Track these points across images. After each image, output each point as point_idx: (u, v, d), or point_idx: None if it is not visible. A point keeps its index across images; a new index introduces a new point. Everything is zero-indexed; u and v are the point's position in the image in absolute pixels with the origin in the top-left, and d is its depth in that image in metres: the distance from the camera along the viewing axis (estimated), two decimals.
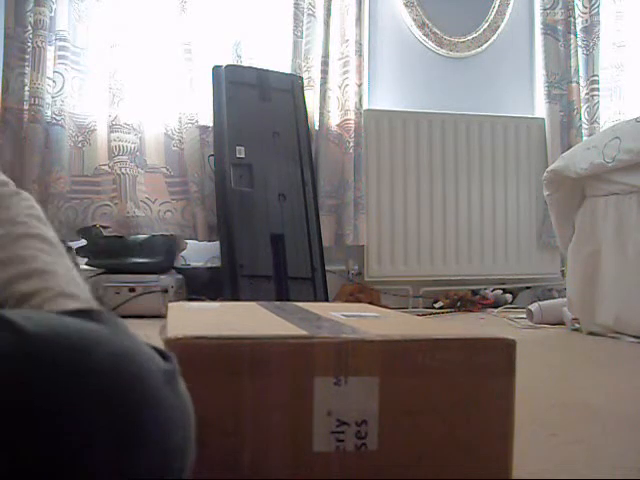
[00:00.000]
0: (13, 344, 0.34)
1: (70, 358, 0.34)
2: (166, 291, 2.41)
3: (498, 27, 3.10)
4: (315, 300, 2.44)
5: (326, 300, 2.55)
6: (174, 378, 0.39)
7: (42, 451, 0.32)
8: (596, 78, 3.04)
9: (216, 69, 2.57)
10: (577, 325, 2.09)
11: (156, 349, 0.40)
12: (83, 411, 0.33)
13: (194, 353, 0.54)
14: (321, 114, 2.79)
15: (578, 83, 3.05)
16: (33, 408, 0.32)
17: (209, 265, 2.69)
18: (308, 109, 2.73)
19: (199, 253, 2.74)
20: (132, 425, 0.34)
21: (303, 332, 0.59)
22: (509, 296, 2.86)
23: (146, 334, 0.52)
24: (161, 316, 0.81)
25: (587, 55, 3.04)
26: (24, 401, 0.32)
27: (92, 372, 0.34)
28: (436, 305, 2.82)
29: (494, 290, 2.89)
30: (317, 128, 2.80)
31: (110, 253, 2.44)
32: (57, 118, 2.54)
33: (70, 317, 0.39)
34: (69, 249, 0.76)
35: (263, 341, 0.56)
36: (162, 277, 2.45)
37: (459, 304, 2.78)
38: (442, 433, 0.58)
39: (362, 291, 2.81)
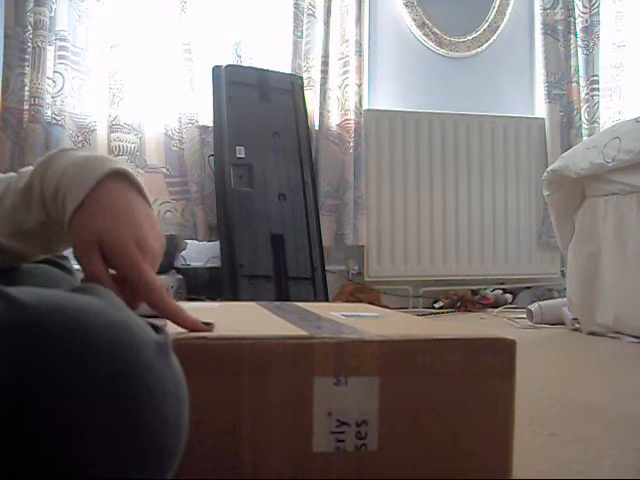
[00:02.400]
0: (7, 315, 0.34)
1: (64, 329, 0.35)
2: (166, 291, 2.41)
3: (498, 27, 3.10)
4: (315, 300, 2.44)
5: (326, 300, 2.55)
6: (166, 350, 0.39)
7: (35, 419, 0.32)
8: (596, 78, 3.04)
9: (216, 69, 2.57)
10: (577, 325, 2.09)
11: (149, 322, 0.40)
12: (76, 380, 0.34)
13: (194, 353, 0.54)
14: (321, 114, 2.79)
15: (578, 83, 3.05)
16: (27, 378, 0.33)
17: (209, 265, 2.69)
18: (308, 109, 2.73)
19: (199, 253, 2.74)
20: (126, 393, 0.35)
21: (303, 332, 0.59)
22: (509, 296, 2.86)
23: None
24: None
25: (587, 55, 3.04)
26: (18, 371, 0.33)
27: (86, 342, 0.35)
28: (436, 305, 2.82)
29: (494, 290, 2.89)
30: (317, 128, 2.80)
31: None
32: (57, 118, 2.54)
33: (69, 292, 0.40)
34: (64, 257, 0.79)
35: (263, 341, 0.56)
36: (162, 277, 2.45)
37: (459, 304, 2.78)
38: (442, 433, 0.58)
39: (362, 291, 2.81)
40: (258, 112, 2.58)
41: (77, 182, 0.57)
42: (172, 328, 0.60)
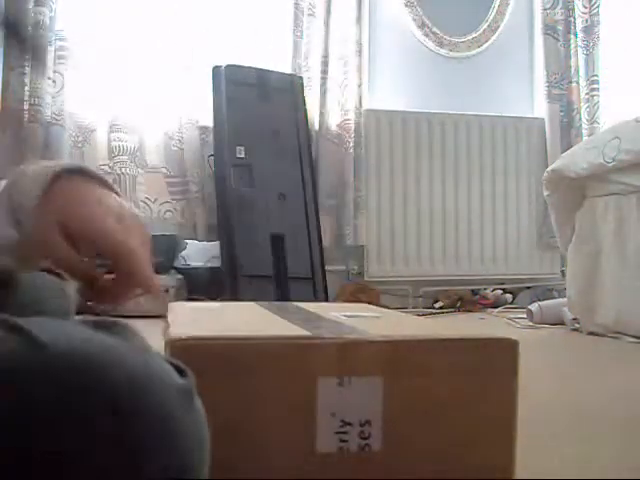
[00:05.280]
0: (27, 355, 0.33)
1: (83, 373, 0.34)
2: (166, 291, 2.41)
3: (498, 27, 3.10)
4: (315, 300, 2.44)
5: (326, 300, 2.55)
6: (189, 395, 0.38)
7: (48, 467, 0.32)
8: (596, 78, 3.04)
9: (216, 69, 2.57)
10: (577, 325, 2.09)
11: (173, 364, 0.40)
12: (93, 427, 0.33)
13: (198, 353, 0.54)
14: (321, 114, 2.79)
15: (578, 83, 3.05)
16: (42, 424, 0.32)
17: (209, 265, 2.69)
18: (308, 109, 2.73)
19: (199, 253, 2.74)
20: (143, 443, 0.34)
21: (306, 333, 0.59)
22: (509, 296, 2.86)
23: (148, 335, 0.52)
24: (161, 316, 0.81)
25: (587, 55, 3.04)
26: (33, 415, 0.32)
27: (105, 388, 0.34)
28: (436, 305, 2.82)
29: (494, 290, 2.89)
30: (317, 128, 2.80)
31: None
32: (57, 118, 2.54)
33: (87, 328, 0.39)
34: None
35: (266, 342, 0.56)
36: (162, 277, 2.44)
37: (459, 304, 2.78)
38: (445, 433, 0.58)
39: (362, 291, 2.81)
40: (258, 112, 2.58)
41: (29, 184, 0.54)
42: (174, 328, 0.60)
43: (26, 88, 2.52)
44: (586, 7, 3.05)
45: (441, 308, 2.79)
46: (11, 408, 0.32)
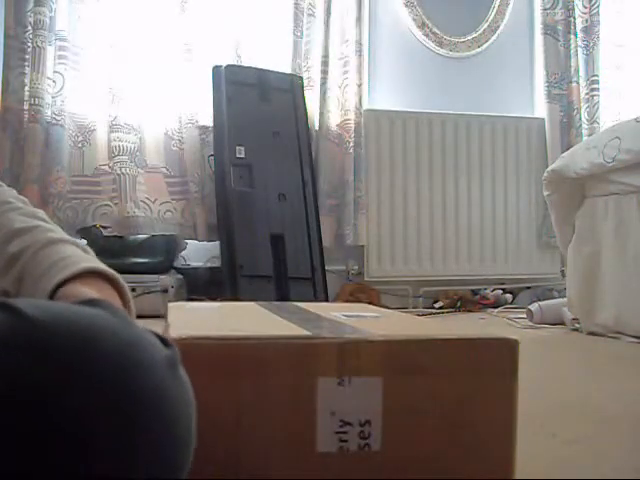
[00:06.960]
0: (18, 331, 0.34)
1: (75, 346, 0.34)
2: (166, 291, 2.41)
3: (498, 27, 3.10)
4: (315, 300, 2.44)
5: (326, 300, 2.55)
6: (175, 364, 0.39)
7: (42, 439, 0.32)
8: (596, 78, 3.04)
9: (216, 69, 2.57)
10: (577, 325, 2.09)
11: (157, 335, 0.40)
12: (87, 399, 0.33)
13: (199, 353, 0.54)
14: (321, 114, 2.79)
15: (578, 83, 3.05)
16: (36, 396, 0.32)
17: (209, 265, 2.69)
18: (308, 109, 2.73)
19: (199, 253, 2.74)
20: (136, 412, 0.35)
21: (306, 332, 0.59)
22: (509, 296, 2.86)
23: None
24: (161, 316, 0.81)
25: (587, 55, 3.04)
26: (27, 389, 0.32)
27: (97, 360, 0.34)
28: (436, 305, 2.82)
29: (494, 290, 2.89)
30: (317, 128, 2.80)
31: (110, 253, 2.44)
32: (57, 118, 2.54)
33: (77, 305, 0.40)
34: None
35: (266, 341, 0.56)
36: (162, 277, 2.45)
37: (459, 304, 2.78)
38: (445, 433, 0.58)
39: (362, 291, 2.81)
40: (258, 112, 2.58)
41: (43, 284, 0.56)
42: (174, 328, 0.60)
43: (26, 88, 2.53)
44: (586, 7, 3.05)
45: (441, 308, 2.79)
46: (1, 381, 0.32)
